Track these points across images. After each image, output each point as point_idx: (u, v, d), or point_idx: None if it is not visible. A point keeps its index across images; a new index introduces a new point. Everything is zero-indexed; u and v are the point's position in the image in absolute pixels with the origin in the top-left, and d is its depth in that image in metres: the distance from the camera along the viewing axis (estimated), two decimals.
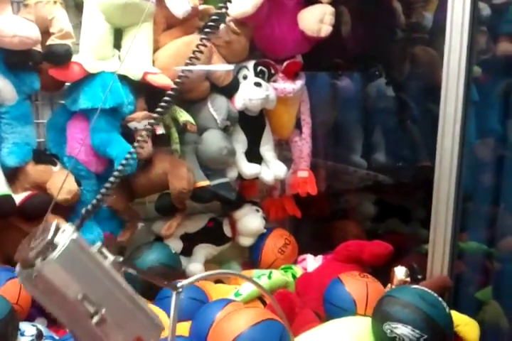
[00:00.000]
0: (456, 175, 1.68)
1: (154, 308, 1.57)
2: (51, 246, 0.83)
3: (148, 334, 0.96)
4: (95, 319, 0.86)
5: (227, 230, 1.99)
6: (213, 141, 1.85)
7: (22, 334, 1.42)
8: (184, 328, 1.48)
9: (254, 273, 1.86)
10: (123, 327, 0.91)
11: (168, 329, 1.42)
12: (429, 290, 1.43)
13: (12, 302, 1.42)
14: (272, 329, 1.32)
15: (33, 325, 1.49)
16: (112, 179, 1.08)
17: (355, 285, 1.61)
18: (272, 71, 1.93)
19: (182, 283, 1.07)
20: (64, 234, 0.85)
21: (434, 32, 2.04)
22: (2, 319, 1.33)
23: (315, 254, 2.01)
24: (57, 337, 1.50)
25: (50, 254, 0.82)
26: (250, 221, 2.00)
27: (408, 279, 1.64)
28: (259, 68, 1.90)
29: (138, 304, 0.95)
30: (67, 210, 1.74)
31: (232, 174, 1.94)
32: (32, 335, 1.43)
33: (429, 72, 2.06)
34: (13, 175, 1.67)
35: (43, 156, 1.74)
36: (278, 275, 1.77)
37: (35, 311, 1.63)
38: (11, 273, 1.57)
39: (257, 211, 2.04)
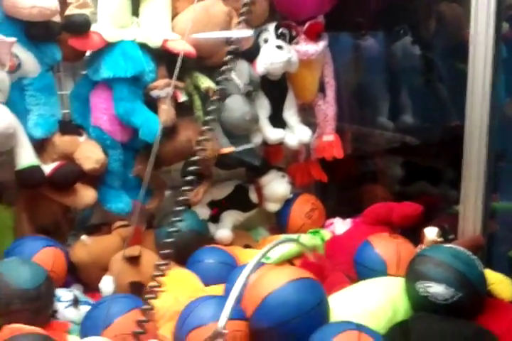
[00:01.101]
0: (487, 133, 1.64)
1: (186, 272, 1.60)
2: None
3: None
4: None
5: (253, 196, 1.99)
6: (236, 106, 1.83)
7: (59, 300, 1.46)
8: (216, 290, 1.51)
9: (282, 237, 1.86)
10: None
11: (200, 291, 1.44)
12: (462, 249, 1.42)
13: (47, 270, 1.46)
14: (308, 286, 1.33)
15: (70, 291, 1.53)
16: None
17: (386, 246, 1.60)
18: (294, 33, 1.89)
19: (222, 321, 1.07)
20: None
21: None
22: (38, 285, 1.36)
23: (343, 218, 2.00)
24: (93, 302, 1.54)
25: None
26: (276, 186, 2.00)
27: (440, 239, 1.62)
28: (280, 30, 1.86)
29: None
30: (95, 179, 1.76)
31: (256, 140, 1.93)
32: (69, 300, 1.47)
33: (455, 30, 1.99)
34: (40, 147, 1.69)
35: (68, 127, 1.76)
36: (307, 239, 1.77)
37: (70, 278, 1.67)
38: (44, 241, 1.61)
39: (283, 176, 2.03)
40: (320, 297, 1.32)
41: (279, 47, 1.82)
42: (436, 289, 1.35)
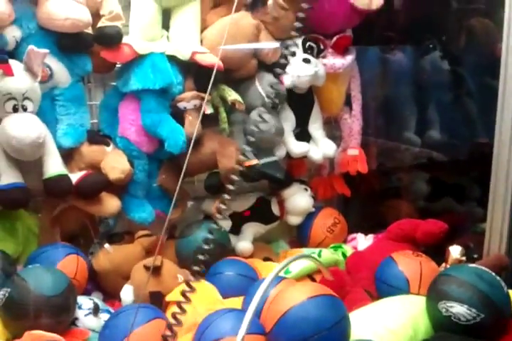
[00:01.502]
0: None
1: (205, 284, 1.60)
2: None
3: None
4: None
5: (275, 209, 1.99)
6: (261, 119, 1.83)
7: (80, 308, 1.48)
8: (235, 303, 1.50)
9: (303, 251, 1.85)
10: None
11: (219, 304, 1.43)
12: (487, 269, 1.39)
13: (70, 277, 1.48)
14: (329, 303, 1.31)
15: (90, 299, 1.55)
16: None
17: (409, 264, 1.58)
18: (321, 46, 1.89)
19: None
20: None
21: (491, 2, 1.94)
22: (61, 292, 1.39)
23: (365, 234, 1.98)
24: (112, 311, 1.55)
25: None
26: (299, 200, 1.99)
27: (464, 258, 1.59)
28: (307, 44, 1.87)
29: None
30: (120, 189, 1.79)
31: (280, 153, 1.92)
32: (89, 308, 1.49)
33: (486, 45, 1.96)
34: (68, 156, 1.73)
35: (96, 137, 1.78)
36: (328, 254, 1.76)
37: (91, 286, 1.69)
38: (69, 249, 1.64)
39: (306, 190, 2.03)
40: (341, 314, 1.30)
41: (307, 60, 1.82)
42: (459, 309, 1.32)
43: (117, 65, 1.81)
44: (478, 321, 1.31)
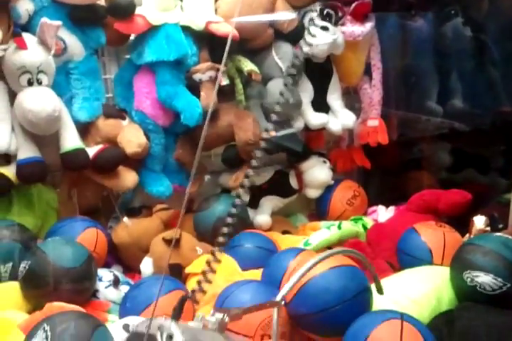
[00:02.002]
0: None
1: (223, 256, 1.59)
2: None
3: None
4: None
5: (293, 182, 1.96)
6: (278, 90, 1.80)
7: (100, 280, 1.49)
8: (254, 275, 1.49)
9: (322, 224, 1.83)
10: None
11: (237, 275, 1.43)
12: None
13: (90, 250, 1.48)
14: (350, 274, 1.29)
15: (110, 271, 1.55)
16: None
17: (432, 234, 1.54)
18: (340, 14, 1.83)
19: (281, 295, 1.03)
20: None
21: None
22: (81, 264, 1.39)
23: (386, 206, 1.95)
24: (132, 283, 1.56)
25: None
26: (317, 172, 1.96)
27: (488, 228, 1.56)
28: (325, 11, 1.81)
29: None
30: (137, 163, 1.78)
31: (298, 124, 1.89)
32: (109, 280, 1.50)
33: (508, 10, 1.89)
34: (85, 130, 1.72)
35: (112, 111, 1.77)
36: (348, 226, 1.74)
37: (111, 259, 1.70)
38: (88, 222, 1.64)
39: (324, 162, 1.99)
40: (363, 285, 1.28)
41: (325, 28, 1.77)
42: (484, 279, 1.30)
43: (131, 37, 1.78)
44: (505, 290, 1.28)
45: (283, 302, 1.06)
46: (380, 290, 1.25)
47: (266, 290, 1.34)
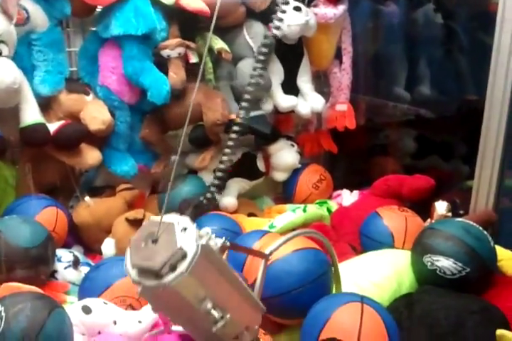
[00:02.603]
0: (508, 109, 1.59)
1: None
2: (180, 252, 0.76)
3: (254, 321, 0.95)
4: (220, 324, 0.83)
5: (260, 165, 1.95)
6: (248, 70, 1.77)
7: (59, 260, 1.45)
8: None
9: (287, 207, 1.83)
10: (239, 323, 0.90)
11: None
12: (473, 223, 1.38)
13: (49, 229, 1.44)
14: (313, 256, 1.30)
15: (70, 252, 1.51)
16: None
17: (394, 218, 1.57)
18: None
19: (269, 249, 1.03)
20: (188, 235, 0.77)
21: None
22: (39, 244, 1.34)
23: (351, 190, 1.96)
24: (93, 264, 1.53)
25: (180, 265, 0.76)
26: (285, 155, 1.95)
27: (449, 214, 1.59)
28: None
29: (248, 294, 0.93)
30: (101, 141, 1.73)
31: (267, 106, 1.87)
32: (69, 261, 1.46)
33: None
34: (46, 104, 1.66)
35: (75, 85, 1.71)
36: (313, 209, 1.74)
37: (71, 239, 1.66)
38: (47, 201, 1.58)
39: (292, 146, 1.99)
40: (325, 267, 1.29)
41: (297, 8, 1.75)
42: (444, 263, 1.32)
43: (97, 9, 1.72)
44: (464, 275, 1.31)
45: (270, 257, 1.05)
46: (336, 277, 1.26)
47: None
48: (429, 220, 1.62)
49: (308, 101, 1.91)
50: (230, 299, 0.87)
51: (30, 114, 1.56)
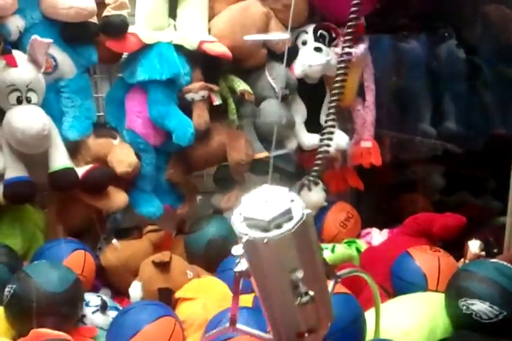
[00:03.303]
0: None
1: (215, 280, 1.56)
2: (288, 214, 0.80)
3: (327, 317, 0.93)
4: (304, 299, 0.83)
5: None
6: (271, 110, 1.79)
7: (87, 305, 1.44)
8: (246, 300, 1.45)
9: None
10: (318, 309, 0.88)
11: (229, 300, 1.39)
12: (508, 264, 1.34)
13: (77, 273, 1.44)
14: (343, 302, 1.26)
15: (98, 296, 1.51)
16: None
17: (426, 259, 1.53)
18: (333, 35, 1.84)
19: (341, 273, 1.05)
20: (295, 204, 0.82)
21: None
22: (67, 289, 1.34)
23: (380, 228, 1.93)
24: (121, 308, 1.52)
25: (286, 224, 0.79)
26: (310, 194, 1.94)
27: (483, 253, 1.54)
28: (319, 32, 1.81)
29: (326, 285, 0.93)
30: (128, 183, 1.75)
31: (291, 145, 1.88)
32: (97, 305, 1.45)
33: (503, 33, 1.90)
34: (74, 149, 1.69)
35: (103, 130, 1.75)
36: (341, 249, 1.71)
37: (99, 282, 1.66)
38: (75, 244, 1.60)
39: (317, 183, 1.98)
40: (356, 313, 1.25)
41: (318, 49, 1.77)
42: (480, 307, 1.27)
43: (123, 56, 1.77)
44: (501, 319, 1.25)
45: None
46: (377, 322, 1.22)
47: (258, 315, 1.31)
48: (462, 260, 1.57)
49: (333, 139, 1.91)
50: (315, 279, 0.87)
51: (59, 159, 1.60)
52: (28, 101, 1.52)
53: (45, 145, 1.56)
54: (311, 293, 0.83)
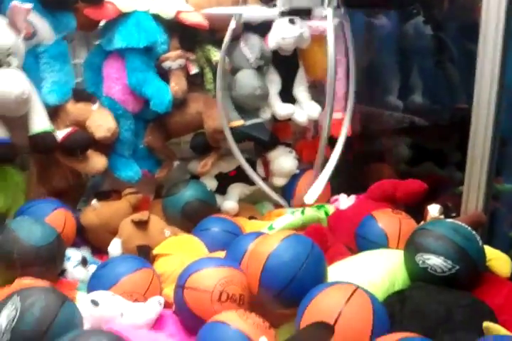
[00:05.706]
0: (494, 117, 1.63)
1: (191, 237, 1.63)
2: None
3: None
4: None
5: (260, 170, 2.02)
6: (247, 80, 1.84)
7: (68, 259, 1.51)
8: (220, 256, 1.54)
9: (286, 210, 1.89)
10: None
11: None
12: (463, 224, 1.43)
13: (58, 230, 1.50)
14: (301, 240, 1.35)
15: (78, 251, 1.57)
16: None
17: (388, 220, 1.61)
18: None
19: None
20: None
21: None
22: (49, 244, 1.40)
23: (348, 195, 2.02)
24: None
25: None
26: (283, 162, 2.02)
27: (442, 216, 1.63)
28: None
29: None
30: (106, 147, 1.80)
31: (265, 115, 1.94)
32: (77, 260, 1.52)
33: (468, 9, 1.97)
34: (54, 113, 1.73)
35: (82, 94, 1.79)
36: (311, 212, 1.80)
37: (80, 241, 1.72)
38: (56, 203, 1.65)
39: (290, 152, 2.05)
40: (309, 244, 1.35)
41: (292, 21, 1.82)
42: (435, 261, 1.36)
43: (101, 23, 1.80)
44: (454, 273, 1.34)
45: None
46: None
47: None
48: (422, 222, 1.66)
49: (305, 110, 1.98)
50: None
51: (39, 123, 1.64)
52: (8, 65, 1.55)
53: (25, 109, 1.59)
54: None
